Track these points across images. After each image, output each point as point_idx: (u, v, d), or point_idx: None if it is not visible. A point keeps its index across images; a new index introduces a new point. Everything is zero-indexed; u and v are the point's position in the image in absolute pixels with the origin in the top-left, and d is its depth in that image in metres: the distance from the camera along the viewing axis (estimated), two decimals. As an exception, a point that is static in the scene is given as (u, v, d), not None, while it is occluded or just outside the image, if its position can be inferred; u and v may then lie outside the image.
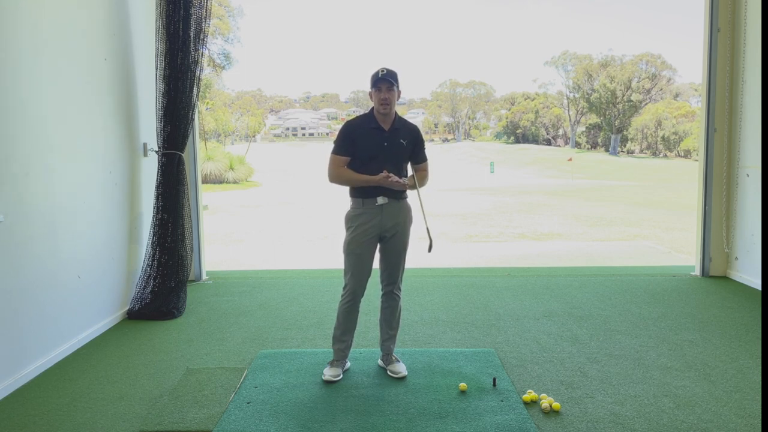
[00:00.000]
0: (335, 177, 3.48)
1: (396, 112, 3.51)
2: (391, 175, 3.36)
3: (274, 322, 4.71)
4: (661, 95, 55.33)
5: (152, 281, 4.93)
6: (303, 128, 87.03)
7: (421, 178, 3.57)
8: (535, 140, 65.83)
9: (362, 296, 3.56)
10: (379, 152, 3.42)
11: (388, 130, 3.46)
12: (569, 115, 62.17)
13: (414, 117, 74.41)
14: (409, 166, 3.62)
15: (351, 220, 3.50)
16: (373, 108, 3.49)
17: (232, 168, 31.72)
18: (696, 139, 39.94)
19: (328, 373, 3.54)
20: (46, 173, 3.84)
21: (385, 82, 3.37)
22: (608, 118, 54.81)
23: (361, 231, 3.44)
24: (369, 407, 3.18)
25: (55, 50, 3.94)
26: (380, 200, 3.43)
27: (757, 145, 5.50)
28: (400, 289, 3.67)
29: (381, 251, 3.56)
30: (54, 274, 3.90)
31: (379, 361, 3.75)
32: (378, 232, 3.46)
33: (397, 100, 3.45)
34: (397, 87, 3.42)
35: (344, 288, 3.55)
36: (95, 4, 4.49)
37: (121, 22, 4.81)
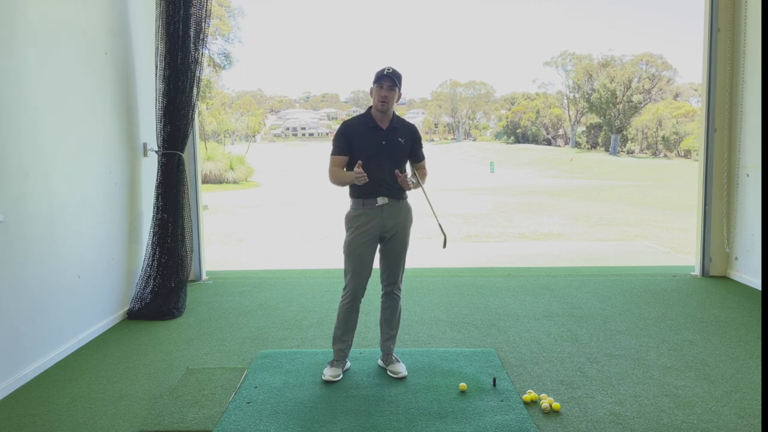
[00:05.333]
0: (332, 178, 3.49)
1: (394, 112, 3.51)
2: (362, 171, 3.24)
3: (274, 322, 4.71)
4: (662, 95, 55.22)
5: (152, 281, 4.93)
6: (303, 128, 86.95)
7: (421, 176, 3.59)
8: (535, 140, 65.75)
9: (362, 296, 3.56)
10: (377, 151, 3.41)
11: (386, 129, 3.46)
12: (569, 115, 62.10)
13: (414, 117, 74.38)
14: (408, 166, 3.62)
15: (351, 220, 3.50)
16: (370, 107, 3.49)
17: (232, 168, 31.73)
18: (696, 139, 39.88)
19: (328, 373, 3.54)
20: (46, 173, 3.84)
21: (388, 80, 3.37)
22: (608, 118, 54.77)
23: (362, 231, 3.44)
24: (369, 407, 3.18)
25: (55, 50, 3.94)
26: (380, 200, 3.43)
27: (757, 145, 5.50)
28: (400, 290, 3.67)
29: (381, 251, 3.56)
30: (54, 274, 3.90)
31: (379, 361, 3.75)
32: (378, 232, 3.46)
33: (397, 101, 3.45)
34: (399, 89, 3.42)
35: (344, 288, 3.55)
36: (95, 3, 4.49)
37: (121, 22, 4.81)
